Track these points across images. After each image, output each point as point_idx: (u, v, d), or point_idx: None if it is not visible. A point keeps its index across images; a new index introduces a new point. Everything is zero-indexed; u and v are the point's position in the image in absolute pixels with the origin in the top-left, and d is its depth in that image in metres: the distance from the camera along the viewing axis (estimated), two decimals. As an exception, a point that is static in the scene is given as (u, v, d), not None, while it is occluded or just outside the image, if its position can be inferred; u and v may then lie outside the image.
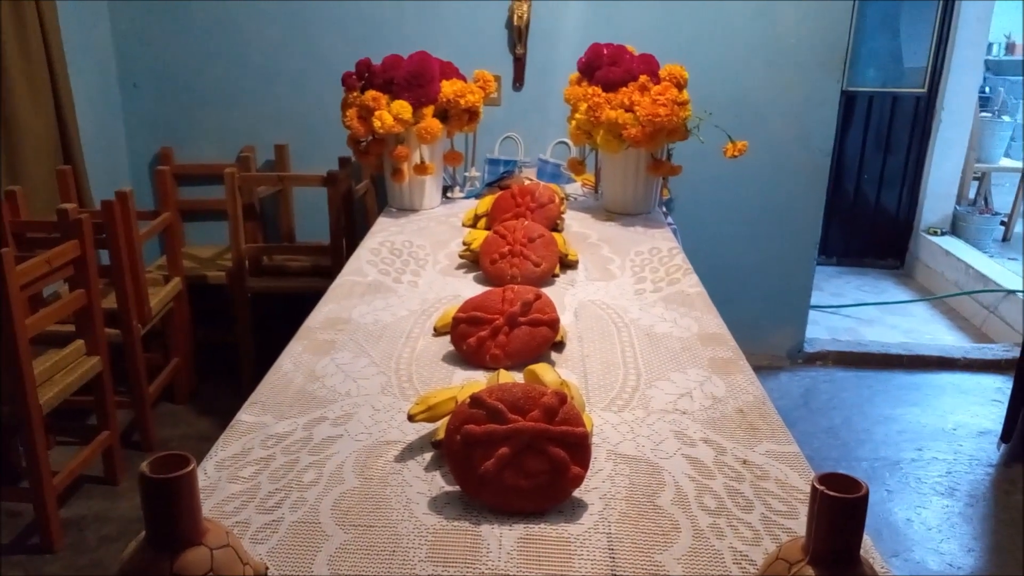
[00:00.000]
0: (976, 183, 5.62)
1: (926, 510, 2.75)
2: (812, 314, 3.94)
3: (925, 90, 4.96)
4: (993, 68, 6.96)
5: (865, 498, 0.79)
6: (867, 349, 3.91)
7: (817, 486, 0.79)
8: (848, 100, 4.93)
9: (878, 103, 5.03)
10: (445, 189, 2.91)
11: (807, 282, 3.76)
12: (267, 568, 0.92)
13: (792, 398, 3.52)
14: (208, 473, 1.16)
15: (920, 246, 5.13)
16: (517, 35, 3.37)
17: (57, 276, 2.44)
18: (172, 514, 0.79)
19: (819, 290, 4.48)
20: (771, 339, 3.79)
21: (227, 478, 1.15)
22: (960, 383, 3.69)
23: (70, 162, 3.00)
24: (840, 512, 0.79)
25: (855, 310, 4.55)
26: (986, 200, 5.64)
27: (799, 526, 1.05)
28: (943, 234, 5.10)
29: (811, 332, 3.92)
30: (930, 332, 4.29)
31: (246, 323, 3.29)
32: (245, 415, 1.33)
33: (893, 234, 5.25)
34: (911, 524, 2.67)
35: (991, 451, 3.11)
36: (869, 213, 5.23)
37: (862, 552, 0.82)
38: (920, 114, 5.01)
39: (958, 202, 5.25)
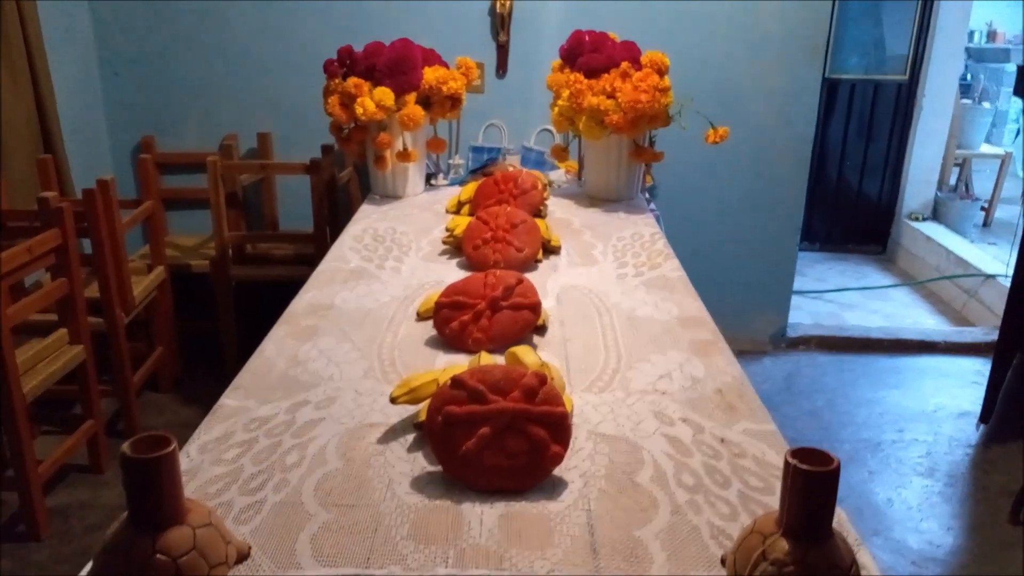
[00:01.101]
0: (957, 169, 5.67)
1: (906, 490, 2.79)
2: (795, 299, 3.97)
3: (907, 77, 5.00)
4: (974, 55, 7.02)
5: (836, 471, 0.81)
6: (849, 333, 3.94)
7: (790, 460, 0.81)
8: (830, 87, 4.96)
9: (860, 90, 5.05)
10: (428, 176, 2.91)
11: (790, 267, 3.79)
12: (250, 547, 0.93)
13: (775, 382, 3.56)
14: (191, 456, 1.17)
15: (902, 231, 5.18)
16: (500, 22, 3.37)
17: (39, 265, 2.43)
18: (154, 494, 0.80)
19: (802, 275, 4.51)
20: (754, 324, 3.82)
21: (210, 460, 1.16)
22: (940, 366, 3.73)
23: (51, 151, 2.98)
24: (812, 485, 0.80)
25: (837, 295, 4.58)
26: (967, 186, 5.69)
27: (775, 502, 1.06)
28: (924, 219, 5.14)
29: (794, 317, 3.95)
30: (911, 316, 4.34)
31: (229, 311, 3.28)
32: (228, 399, 1.34)
33: (875, 220, 5.30)
34: (892, 504, 2.71)
35: (970, 432, 3.15)
36: (851, 199, 5.27)
37: (836, 526, 0.83)
38: (902, 101, 5.04)
39: (939, 188, 5.30)
